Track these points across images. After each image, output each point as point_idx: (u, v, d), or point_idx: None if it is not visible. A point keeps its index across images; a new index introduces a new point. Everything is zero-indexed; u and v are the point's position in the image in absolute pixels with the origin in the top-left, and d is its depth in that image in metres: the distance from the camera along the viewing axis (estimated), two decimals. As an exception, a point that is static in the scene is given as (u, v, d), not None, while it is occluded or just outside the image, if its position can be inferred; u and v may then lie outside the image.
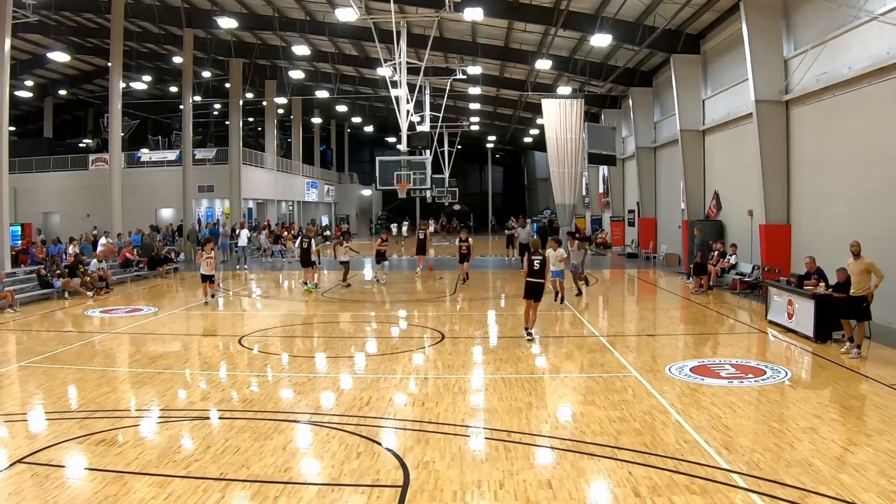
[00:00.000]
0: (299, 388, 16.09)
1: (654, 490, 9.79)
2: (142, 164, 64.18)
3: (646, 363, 17.73)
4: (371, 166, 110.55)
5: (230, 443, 12.15)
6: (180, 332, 21.96)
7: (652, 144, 48.02)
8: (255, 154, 68.82)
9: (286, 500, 9.75)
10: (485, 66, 52.83)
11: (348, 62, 60.44)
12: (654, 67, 46.31)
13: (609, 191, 60.30)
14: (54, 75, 71.41)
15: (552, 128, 46.44)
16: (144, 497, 9.87)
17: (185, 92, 56.37)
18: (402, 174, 37.51)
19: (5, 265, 34.36)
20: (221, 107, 78.56)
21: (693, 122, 38.77)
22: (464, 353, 19.81)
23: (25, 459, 11.43)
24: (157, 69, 68.58)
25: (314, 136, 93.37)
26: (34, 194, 60.66)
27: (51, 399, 15.42)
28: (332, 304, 29.70)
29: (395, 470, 10.75)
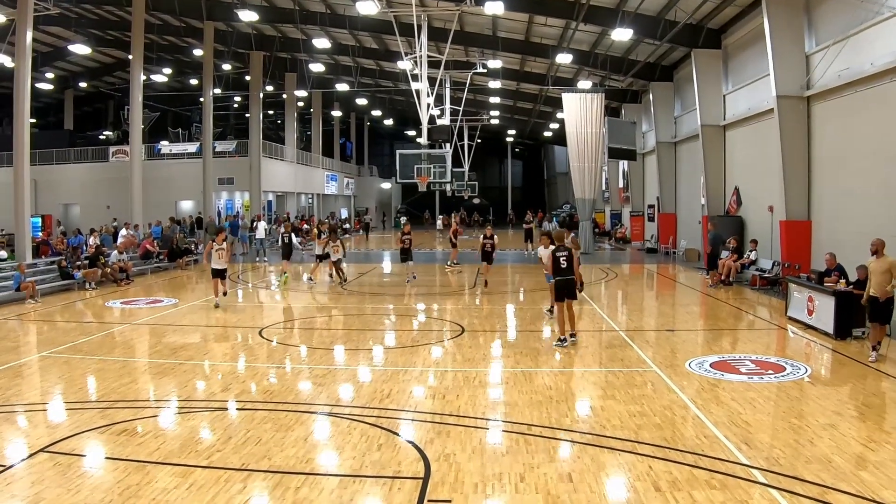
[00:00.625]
0: (319, 379, 16.14)
1: (673, 484, 9.81)
2: (162, 157, 64.40)
3: (666, 358, 17.73)
4: (391, 159, 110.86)
5: (251, 434, 12.22)
6: (200, 324, 22.07)
7: (672, 139, 47.90)
8: (275, 147, 68.96)
9: (308, 490, 9.81)
10: (505, 60, 52.74)
11: (368, 55, 60.52)
12: (675, 62, 46.19)
13: (629, 185, 60.25)
14: (75, 68, 71.67)
15: (572, 122, 46.44)
16: (166, 486, 9.94)
17: (206, 84, 56.51)
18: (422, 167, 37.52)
19: (27, 256, 34.57)
20: (241, 99, 78.76)
21: (714, 118, 38.67)
22: (483, 346, 19.86)
23: (48, 449, 11.51)
24: (177, 62, 68.70)
25: (334, 129, 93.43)
26: (55, 186, 60.94)
27: (72, 389, 15.56)
28: (352, 297, 29.75)
29: (416, 462, 10.80)
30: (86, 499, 9.55)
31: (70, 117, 77.95)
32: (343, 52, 60.09)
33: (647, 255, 49.54)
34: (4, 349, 20.68)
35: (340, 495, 9.64)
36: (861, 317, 19.03)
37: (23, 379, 16.65)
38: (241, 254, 50.29)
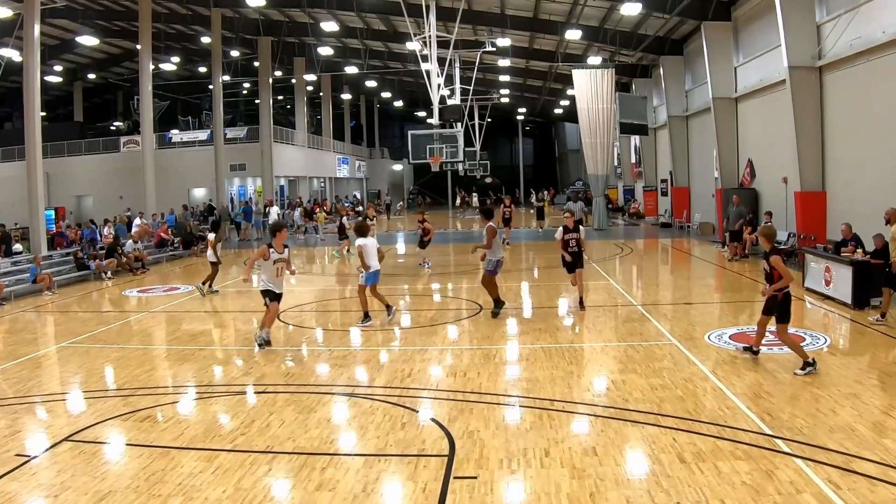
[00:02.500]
0: (339, 361, 16.20)
1: (698, 456, 9.82)
2: (173, 145, 64.56)
3: (685, 331, 17.75)
4: (401, 141, 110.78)
5: (274, 417, 12.27)
6: (218, 310, 22.11)
7: (684, 113, 47.76)
8: (285, 131, 69.08)
9: (333, 471, 9.86)
10: (514, 38, 52.61)
11: (377, 37, 60.42)
12: (685, 35, 46.02)
13: (641, 161, 60.17)
14: (83, 59, 71.88)
15: (583, 98, 46.41)
16: (192, 471, 10.01)
17: (215, 72, 56.56)
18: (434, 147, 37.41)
19: (42, 248, 34.69)
20: (250, 85, 78.93)
21: (725, 90, 38.53)
22: (501, 324, 19.86)
23: (72, 437, 11.58)
24: (184, 50, 68.76)
25: (344, 112, 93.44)
26: (67, 178, 61.12)
27: (93, 378, 15.65)
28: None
29: (441, 440, 10.84)
30: (112, 486, 9.60)
31: (80, 109, 78.27)
32: (351, 35, 60.06)
33: (662, 229, 49.49)
34: (24, 341, 20.80)
35: (366, 474, 9.69)
36: (879, 286, 19.05)
37: (43, 370, 16.75)
38: (256, 239, 50.42)
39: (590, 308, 21.27)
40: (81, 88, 78.89)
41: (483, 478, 9.38)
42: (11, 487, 9.66)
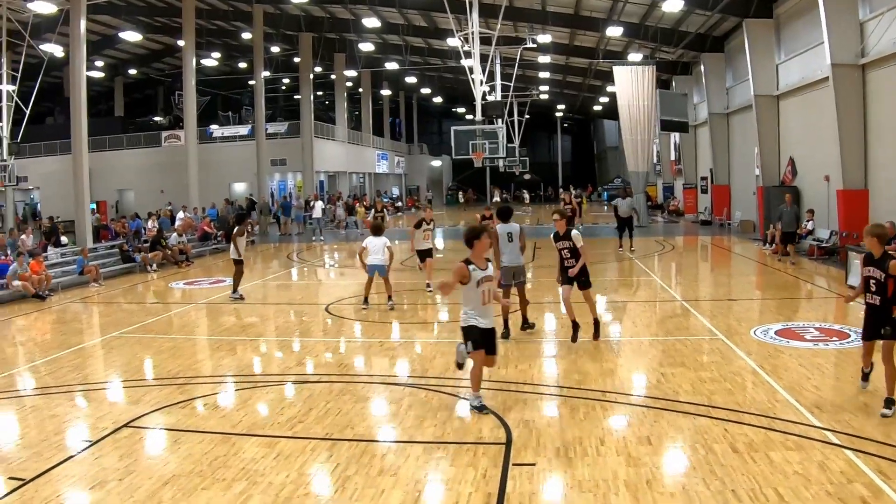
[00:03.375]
0: (393, 352, 16.55)
1: (750, 446, 9.95)
2: (213, 140, 65.03)
3: (730, 326, 17.83)
4: (439, 137, 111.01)
5: (331, 405, 12.48)
6: (266, 302, 22.29)
7: (725, 111, 47.62)
8: (326, 127, 69.42)
9: (394, 458, 10.08)
10: (554, 35, 52.67)
11: (417, 33, 60.61)
12: (726, 32, 45.87)
13: (681, 158, 60.04)
14: (124, 55, 72.55)
15: (624, 95, 46.45)
16: (254, 456, 10.22)
17: (257, 67, 56.86)
18: (476, 143, 37.51)
19: (88, 241, 35.13)
20: (290, 81, 79.26)
21: (767, 88, 38.40)
22: (548, 318, 20.11)
23: (131, 424, 11.81)
24: (225, 46, 69.26)
25: (383, 108, 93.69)
26: (108, 172, 61.61)
27: (147, 367, 15.99)
28: (414, 273, 29.87)
29: (497, 428, 11.01)
30: (175, 470, 9.82)
31: (120, 104, 79.00)
32: (392, 31, 60.24)
33: (702, 227, 49.36)
34: (75, 331, 21.20)
35: (426, 461, 9.90)
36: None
37: (97, 359, 17.09)
38: (297, 234, 50.82)
39: (635, 303, 21.49)
40: (122, 84, 79.55)
41: (541, 465, 9.56)
42: (76, 471, 9.90)
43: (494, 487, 8.95)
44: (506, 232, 17.23)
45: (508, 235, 17.21)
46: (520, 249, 17.38)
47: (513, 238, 17.21)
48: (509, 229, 17.28)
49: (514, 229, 17.30)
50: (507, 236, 17.20)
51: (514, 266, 17.18)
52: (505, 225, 17.33)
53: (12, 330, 21.61)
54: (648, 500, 8.46)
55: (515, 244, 17.24)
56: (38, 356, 17.34)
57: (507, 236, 17.19)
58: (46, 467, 10.03)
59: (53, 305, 25.44)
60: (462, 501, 8.60)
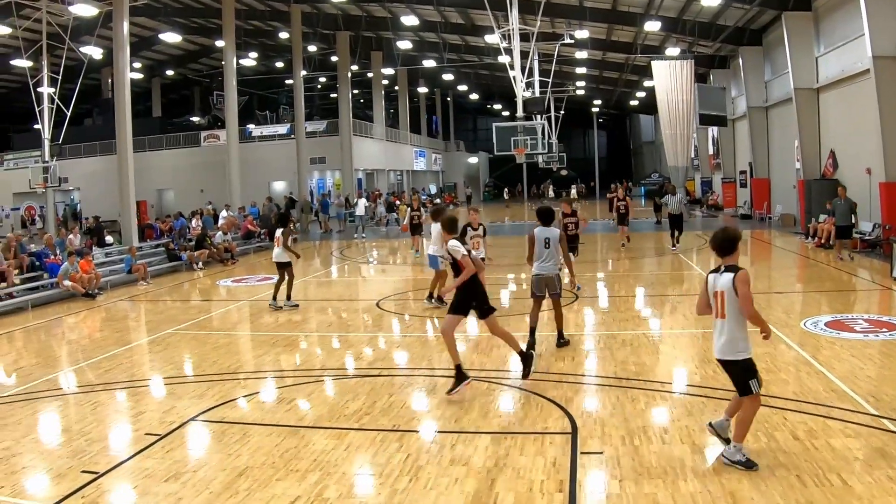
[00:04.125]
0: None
1: (810, 433, 10.11)
2: (252, 139, 65.40)
3: (780, 318, 17.92)
4: (475, 134, 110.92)
5: (395, 398, 12.77)
6: (316, 298, 22.41)
7: (763, 104, 47.50)
8: (364, 125, 69.72)
9: (463, 447, 10.28)
10: (591, 30, 52.68)
11: (454, 31, 60.70)
12: (764, 25, 45.75)
13: (719, 152, 59.91)
14: (161, 56, 73.13)
15: (662, 89, 46.50)
16: (324, 448, 10.46)
17: (295, 67, 57.19)
18: (518, 139, 37.58)
19: (133, 240, 35.55)
20: (326, 80, 79.59)
21: (806, 81, 38.32)
22: (601, 311, 20.41)
23: (197, 418, 12.10)
24: (262, 45, 69.62)
25: (420, 105, 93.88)
26: (148, 172, 62.00)
27: (206, 362, 16.20)
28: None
29: (562, 419, 11.23)
30: (247, 462, 10.06)
31: (158, 105, 79.63)
32: (429, 29, 60.38)
33: (742, 221, 49.18)
34: (129, 328, 21.63)
35: (496, 450, 10.08)
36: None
37: (155, 355, 17.36)
38: (338, 231, 51.16)
39: (684, 296, 21.58)
40: (159, 85, 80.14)
41: (608, 453, 9.76)
42: (148, 464, 10.13)
43: (565, 475, 9.16)
44: (544, 237, 15.38)
45: (546, 241, 15.36)
46: (557, 258, 15.59)
47: (550, 244, 15.36)
48: (548, 234, 15.44)
49: (553, 235, 15.47)
50: (545, 242, 15.34)
51: (546, 275, 15.43)
52: (544, 228, 15.44)
53: (66, 328, 22.04)
54: (716, 485, 8.66)
55: (553, 252, 15.40)
56: (96, 353, 17.63)
57: (544, 241, 15.34)
58: (118, 461, 10.30)
59: (103, 304, 25.82)
60: (535, 489, 8.82)
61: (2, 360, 17.97)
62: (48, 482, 9.64)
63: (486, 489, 8.89)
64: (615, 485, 8.80)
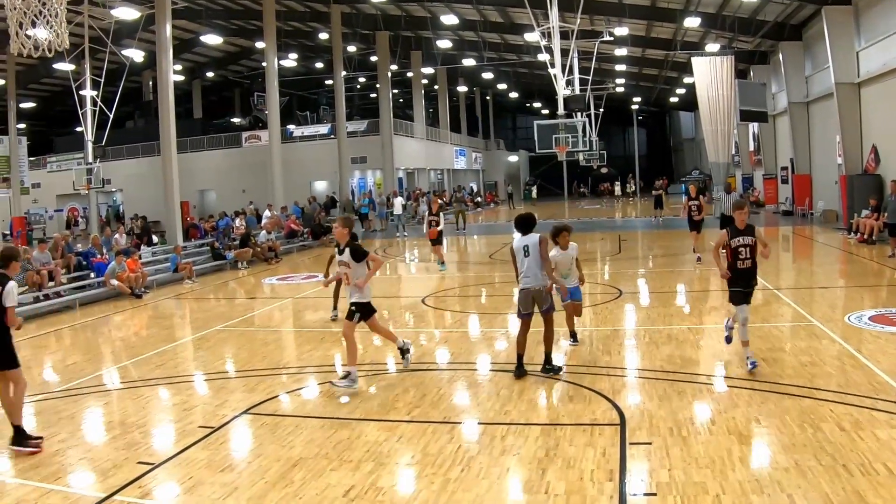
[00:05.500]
0: (494, 342, 17.04)
1: (856, 425, 10.19)
2: (293, 139, 65.63)
3: (825, 313, 17.99)
4: (514, 133, 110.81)
5: (444, 391, 13.02)
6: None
7: (804, 99, 47.21)
8: (405, 124, 69.87)
9: (514, 438, 10.46)
10: (631, 27, 52.59)
11: (493, 29, 60.72)
12: (804, 20, 45.45)
13: (760, 148, 59.64)
14: (201, 58, 73.70)
15: (703, 86, 46.32)
16: (377, 440, 10.68)
17: (336, 67, 57.57)
18: (559, 137, 37.65)
19: (178, 239, 35.97)
20: (366, 80, 80.00)
21: (848, 75, 38.05)
22: (646, 307, 20.61)
23: (250, 411, 12.34)
24: (301, 46, 70.00)
25: (459, 104, 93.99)
26: (190, 173, 62.30)
27: (256, 357, 16.51)
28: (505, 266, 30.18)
29: (610, 411, 11.39)
30: (301, 453, 10.28)
31: (199, 107, 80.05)
32: (468, 28, 60.44)
33: (783, 217, 49.04)
34: (177, 325, 22.02)
35: (546, 441, 10.26)
36: None
37: (206, 350, 17.71)
38: (381, 230, 51.51)
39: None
40: (200, 86, 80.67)
41: (657, 444, 9.90)
42: (203, 455, 10.40)
43: (615, 465, 9.34)
44: (522, 246, 13.74)
45: (524, 250, 13.67)
46: (540, 265, 13.63)
47: (529, 253, 13.63)
48: (526, 242, 13.75)
49: (532, 241, 13.66)
50: (524, 250, 13.66)
51: (532, 289, 13.67)
52: (522, 237, 13.84)
53: (114, 326, 22.46)
54: (764, 475, 8.80)
55: (534, 259, 13.61)
56: (145, 349, 17.94)
57: (523, 251, 13.68)
58: (173, 452, 10.58)
59: (150, 302, 26.21)
60: (586, 478, 8.99)
61: (52, 356, 18.38)
62: (105, 473, 9.87)
63: (538, 478, 9.07)
64: (664, 474, 8.93)
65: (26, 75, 63.39)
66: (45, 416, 12.52)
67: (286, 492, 9.04)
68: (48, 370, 16.51)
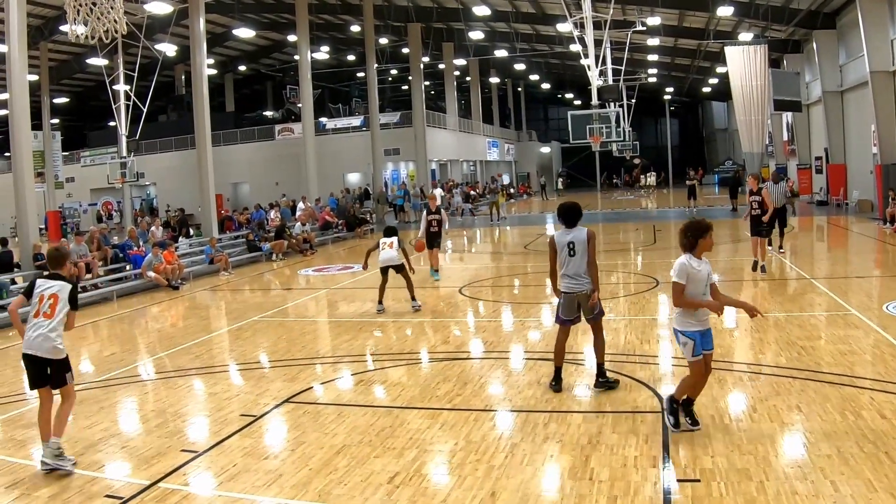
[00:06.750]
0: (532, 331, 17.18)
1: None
2: (326, 132, 65.78)
3: (862, 302, 17.96)
4: (545, 124, 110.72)
5: (485, 379, 13.15)
6: (399, 286, 22.45)
7: (838, 88, 46.94)
8: (437, 116, 69.94)
9: (556, 426, 10.54)
10: (663, 17, 52.42)
11: (525, 20, 60.66)
12: (838, 8, 45.19)
13: (794, 138, 59.35)
14: (233, 52, 74.31)
15: (737, 75, 46.20)
16: (419, 427, 10.79)
17: (369, 59, 57.65)
18: (594, 127, 37.66)
19: (213, 231, 36.20)
20: (397, 72, 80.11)
21: (883, 63, 37.82)
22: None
23: (292, 399, 12.49)
24: (332, 39, 70.15)
25: (491, 95, 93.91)
26: (223, 166, 62.58)
27: (296, 347, 16.66)
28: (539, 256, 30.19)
29: (651, 398, 11.48)
30: (344, 440, 10.41)
31: (231, 100, 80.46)
32: (500, 19, 60.39)
33: (818, 207, 48.78)
34: (215, 316, 22.24)
35: (588, 428, 10.33)
36: None
37: (245, 340, 17.83)
38: (414, 221, 51.59)
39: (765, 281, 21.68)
40: (232, 80, 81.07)
41: (699, 431, 9.94)
42: (247, 443, 10.55)
43: (658, 451, 9.41)
44: (566, 241, 11.89)
45: (570, 246, 11.85)
46: (588, 266, 11.89)
47: (575, 251, 11.82)
48: (572, 237, 11.88)
49: (580, 237, 11.81)
50: (569, 248, 11.84)
51: (579, 292, 11.97)
52: (567, 231, 11.97)
53: (152, 317, 22.76)
54: (807, 462, 8.83)
55: (580, 259, 11.84)
56: (185, 339, 18.21)
57: (567, 247, 11.86)
58: (217, 440, 10.72)
59: (187, 293, 26.50)
60: (629, 464, 9.06)
61: (91, 347, 18.57)
62: (149, 461, 10.01)
63: (582, 465, 9.14)
64: (707, 461, 8.98)
65: (59, 71, 63.98)
66: (87, 405, 12.65)
67: (331, 478, 9.15)
68: (86, 361, 16.67)
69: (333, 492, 8.79)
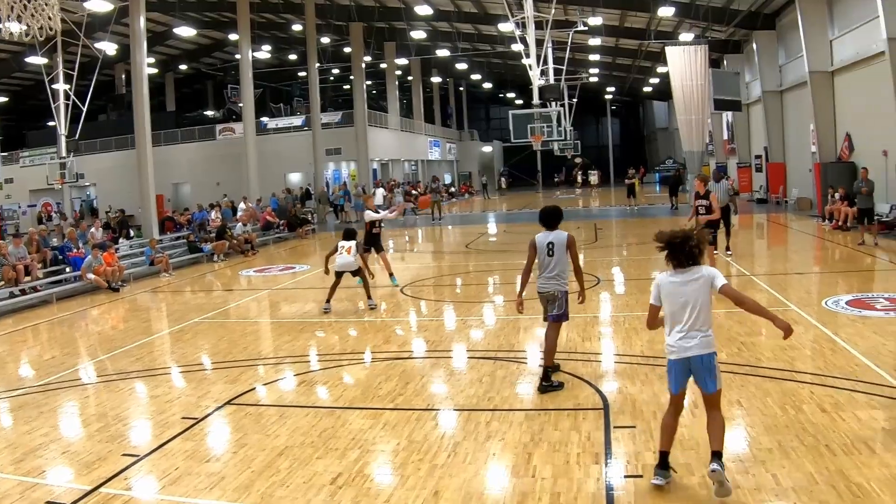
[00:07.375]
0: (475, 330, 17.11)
1: (837, 406, 10.34)
2: (267, 131, 65.40)
3: (802, 298, 18.12)
4: (487, 123, 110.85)
5: (426, 379, 13.12)
6: (341, 286, 22.33)
7: (778, 88, 47.39)
8: (379, 115, 69.83)
9: (498, 424, 10.52)
10: (605, 17, 52.65)
11: (467, 20, 60.74)
12: (778, 9, 45.59)
13: (734, 137, 59.84)
14: (173, 51, 73.58)
15: (677, 75, 46.50)
16: (361, 427, 10.74)
17: (310, 59, 57.40)
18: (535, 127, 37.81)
19: (153, 232, 35.92)
20: (339, 71, 79.88)
21: (821, 64, 38.16)
22: (623, 294, 20.92)
23: (234, 401, 12.36)
24: (274, 38, 69.77)
25: (433, 95, 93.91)
26: (164, 166, 61.88)
27: (237, 348, 16.48)
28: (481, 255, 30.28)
29: (593, 395, 11.49)
30: (286, 442, 10.33)
31: (171, 99, 79.80)
32: (442, 19, 60.35)
33: (758, 205, 49.22)
34: (156, 318, 21.99)
35: (530, 426, 10.34)
36: None
37: (185, 343, 17.64)
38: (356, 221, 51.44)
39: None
40: (173, 79, 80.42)
41: (640, 427, 10.00)
42: (188, 446, 10.43)
43: (600, 448, 9.43)
44: (546, 242, 12.10)
45: (549, 247, 12.06)
46: (574, 273, 12.46)
47: (554, 252, 12.03)
48: (552, 238, 12.10)
49: (559, 239, 12.03)
50: (548, 248, 12.05)
51: (548, 292, 12.21)
52: (548, 233, 12.18)
53: (92, 320, 22.43)
54: (749, 455, 8.94)
55: (559, 260, 12.07)
56: (125, 342, 17.93)
57: (547, 248, 12.06)
58: (158, 444, 10.57)
59: (127, 295, 26.19)
60: (572, 461, 9.08)
61: (30, 351, 18.34)
62: (90, 465, 9.87)
63: (524, 462, 9.15)
64: (649, 456, 9.00)
65: (-3, 70, 63.20)
66: (26, 410, 12.51)
67: (273, 480, 9.09)
68: (26, 365, 16.47)
69: (276, 493, 8.73)
